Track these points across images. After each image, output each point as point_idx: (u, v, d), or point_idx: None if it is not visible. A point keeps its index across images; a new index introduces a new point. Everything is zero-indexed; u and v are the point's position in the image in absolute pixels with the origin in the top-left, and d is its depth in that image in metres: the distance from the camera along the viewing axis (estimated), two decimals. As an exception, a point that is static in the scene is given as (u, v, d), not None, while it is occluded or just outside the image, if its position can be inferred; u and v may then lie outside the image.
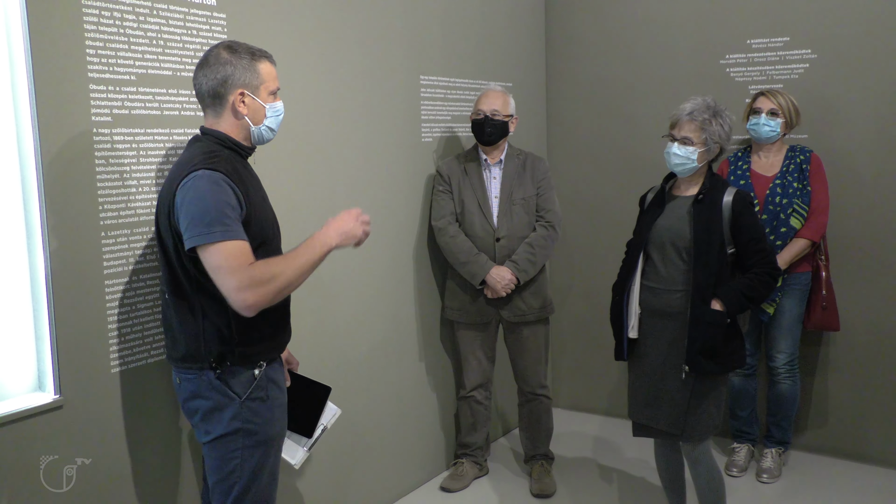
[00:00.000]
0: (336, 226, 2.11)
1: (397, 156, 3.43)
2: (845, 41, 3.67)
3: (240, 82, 2.04)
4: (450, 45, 3.71)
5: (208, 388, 2.05)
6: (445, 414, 3.81)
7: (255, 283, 1.90)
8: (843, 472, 3.72)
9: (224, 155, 2.02)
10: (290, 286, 1.98)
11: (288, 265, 1.98)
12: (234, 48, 2.06)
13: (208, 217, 1.89)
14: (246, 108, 2.06)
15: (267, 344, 2.13)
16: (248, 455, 2.07)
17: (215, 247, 1.89)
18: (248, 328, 2.06)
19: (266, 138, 2.16)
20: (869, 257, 3.69)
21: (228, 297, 1.92)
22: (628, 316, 2.83)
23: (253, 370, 2.08)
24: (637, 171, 4.11)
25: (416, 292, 3.59)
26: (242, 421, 2.06)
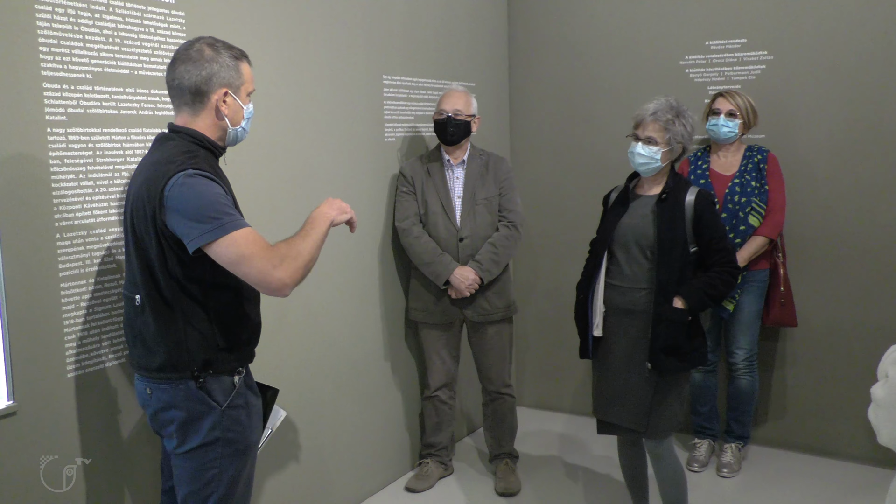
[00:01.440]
0: (327, 204, 2.12)
1: (360, 156, 3.41)
2: (800, 43, 3.74)
3: (224, 81, 1.99)
4: (413, 44, 3.70)
5: (186, 398, 1.98)
6: (410, 414, 3.81)
7: (286, 259, 1.89)
8: (800, 465, 3.80)
9: (202, 155, 1.97)
10: (312, 261, 1.98)
11: (305, 242, 1.97)
12: (215, 45, 2.00)
13: (212, 211, 1.84)
14: (227, 108, 2.01)
15: (246, 350, 2.10)
16: (227, 464, 2.02)
17: (230, 238, 1.84)
18: (232, 334, 2.02)
19: (240, 139, 2.12)
20: (825, 254, 3.78)
21: (262, 281, 1.87)
22: (593, 314, 2.85)
23: (233, 377, 2.04)
24: (599, 170, 4.15)
25: (380, 293, 3.57)
26: (222, 430, 2.00)
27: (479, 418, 4.12)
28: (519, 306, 3.81)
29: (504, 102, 4.51)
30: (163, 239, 1.91)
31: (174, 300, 1.95)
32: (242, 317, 2.05)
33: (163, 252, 1.92)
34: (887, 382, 1.39)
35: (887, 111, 3.58)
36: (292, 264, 1.89)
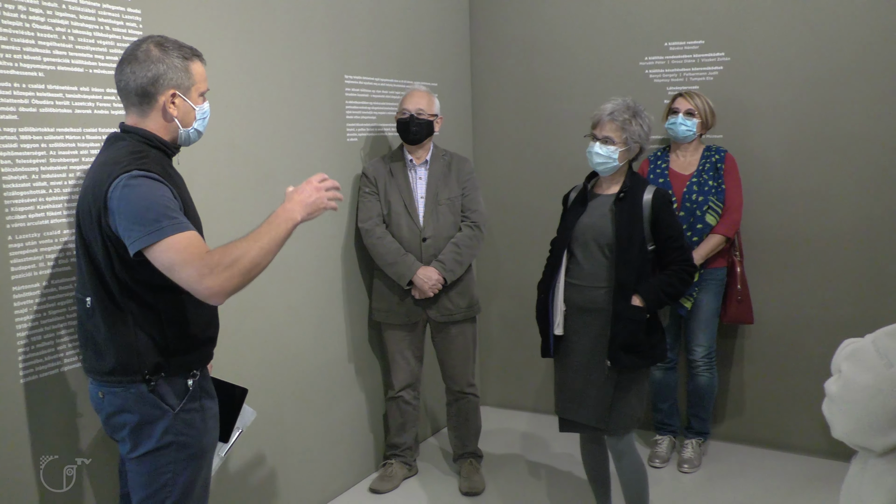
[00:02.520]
0: (299, 198, 2.00)
1: (322, 156, 3.39)
2: (756, 45, 3.81)
3: (172, 83, 1.94)
4: (374, 44, 3.69)
5: (138, 402, 1.94)
6: (374, 415, 3.79)
7: (216, 268, 1.79)
8: (759, 459, 3.86)
9: (152, 155, 1.92)
10: (257, 267, 1.87)
11: (250, 246, 1.87)
12: (164, 45, 1.95)
13: (152, 214, 1.78)
14: (176, 109, 1.96)
15: (201, 351, 2.06)
16: (181, 469, 1.99)
17: (165, 242, 1.78)
18: (184, 336, 1.98)
19: (193, 140, 2.07)
20: (780, 253, 3.85)
21: (191, 289, 1.80)
22: (554, 313, 2.87)
23: (186, 380, 2.00)
24: (561, 170, 4.17)
25: (343, 294, 3.55)
26: (175, 434, 1.97)
27: (443, 418, 4.11)
28: (482, 306, 3.81)
29: (466, 103, 4.52)
30: (108, 241, 1.87)
31: (123, 303, 1.92)
32: (196, 319, 2.01)
33: (109, 255, 1.88)
34: (840, 377, 1.42)
35: (840, 112, 3.66)
36: (224, 273, 1.79)
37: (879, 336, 1.37)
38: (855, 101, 3.63)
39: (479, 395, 3.81)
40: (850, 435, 1.39)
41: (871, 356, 1.36)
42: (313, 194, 2.03)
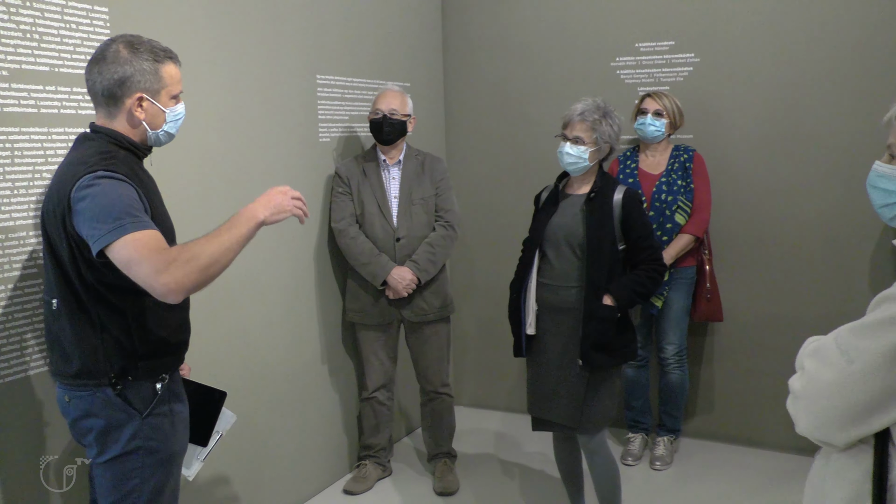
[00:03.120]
0: (264, 200, 1.96)
1: (294, 156, 3.37)
2: (725, 46, 3.85)
3: (139, 86, 1.90)
4: (347, 44, 3.68)
5: (104, 406, 1.92)
6: (348, 416, 3.78)
7: (173, 264, 1.72)
8: (728, 455, 3.91)
9: (120, 156, 1.89)
10: (216, 265, 1.80)
11: (209, 242, 1.81)
12: (135, 46, 1.91)
13: (114, 213, 1.74)
14: (144, 112, 1.93)
15: (171, 355, 2.03)
16: (149, 475, 1.96)
17: (123, 240, 1.73)
18: (153, 339, 1.95)
19: (163, 142, 2.04)
20: (749, 251, 3.90)
21: (148, 286, 1.74)
22: (526, 313, 2.88)
23: (155, 384, 1.97)
24: (534, 170, 4.19)
25: (316, 294, 3.54)
26: (143, 439, 1.94)
27: (418, 418, 4.11)
28: (456, 306, 3.82)
29: (439, 103, 4.52)
30: (73, 242, 1.84)
31: (90, 305, 1.89)
32: (165, 322, 1.98)
33: (74, 256, 1.85)
34: (804, 374, 1.44)
35: (806, 113, 3.72)
36: (181, 269, 1.73)
37: (841, 333, 1.40)
38: (820, 102, 3.69)
39: (454, 394, 3.81)
40: (813, 431, 1.41)
41: (833, 353, 1.38)
42: (277, 197, 1.99)
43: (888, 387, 1.30)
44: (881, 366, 1.30)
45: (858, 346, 1.34)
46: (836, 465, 1.43)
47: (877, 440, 1.35)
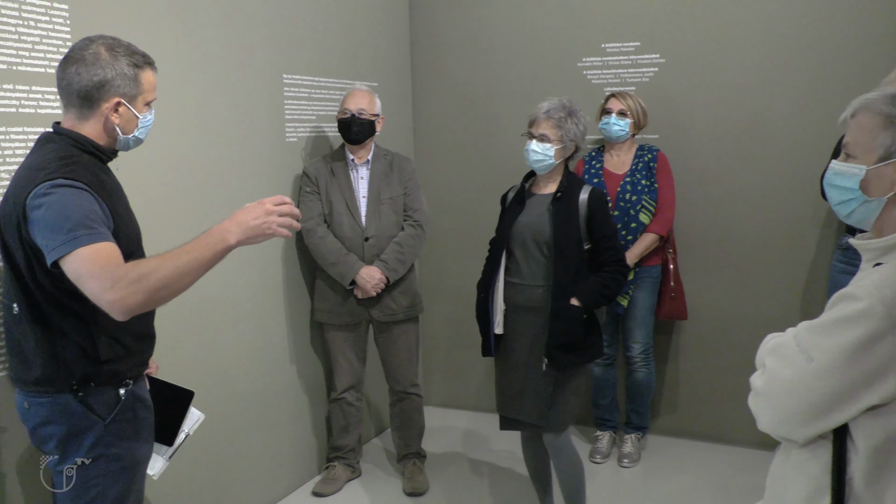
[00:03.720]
0: (241, 218, 1.83)
1: (262, 156, 3.35)
2: (690, 47, 3.90)
3: (118, 90, 1.86)
4: (313, 43, 3.65)
5: (65, 413, 1.87)
6: (316, 417, 3.76)
7: (120, 282, 1.66)
8: (694, 452, 3.96)
9: (83, 160, 1.84)
10: (168, 288, 1.72)
11: (164, 263, 1.72)
12: (114, 50, 1.87)
13: (69, 224, 1.69)
14: (119, 118, 1.89)
15: (134, 359, 1.99)
16: (112, 482, 1.92)
17: (75, 254, 1.68)
18: (115, 344, 1.91)
19: (132, 147, 2.00)
20: (713, 250, 3.95)
21: (96, 302, 1.70)
22: (494, 312, 2.89)
23: (118, 390, 1.94)
24: (502, 169, 4.20)
25: (284, 295, 3.51)
26: (105, 446, 1.90)
27: (387, 419, 4.10)
28: (425, 305, 3.81)
29: (407, 102, 4.51)
30: (28, 249, 1.79)
31: (49, 311, 1.84)
32: (128, 327, 1.93)
33: (31, 263, 1.81)
34: (765, 372, 1.47)
35: (768, 113, 3.78)
36: (127, 288, 1.66)
37: (800, 331, 1.42)
38: (781, 103, 3.75)
39: (423, 394, 3.81)
40: (774, 427, 1.44)
41: (792, 351, 1.41)
42: (261, 217, 1.84)
43: (847, 383, 1.33)
44: (840, 363, 1.33)
45: (818, 344, 1.36)
46: (795, 459, 1.46)
47: (835, 435, 1.38)
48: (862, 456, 1.35)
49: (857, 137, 1.47)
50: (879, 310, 1.30)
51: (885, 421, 1.33)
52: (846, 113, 1.50)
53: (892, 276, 1.34)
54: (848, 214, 1.50)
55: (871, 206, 1.46)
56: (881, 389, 1.31)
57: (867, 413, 1.34)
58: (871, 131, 1.43)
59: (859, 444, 1.35)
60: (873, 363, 1.31)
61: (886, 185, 1.43)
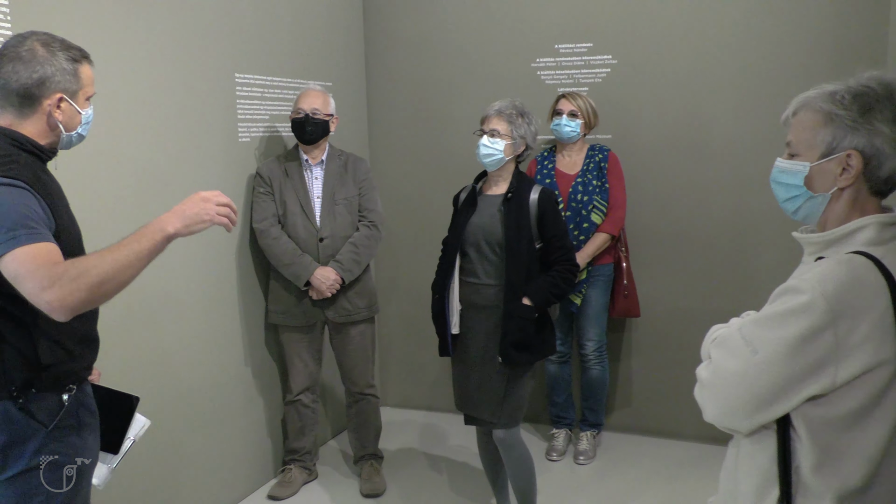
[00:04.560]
0: (179, 208, 1.81)
1: (213, 156, 3.30)
2: (641, 48, 3.96)
3: (59, 86, 1.82)
4: (265, 42, 3.62)
5: (5, 421, 1.81)
6: (272, 420, 3.72)
7: (59, 280, 1.62)
8: (649, 447, 4.03)
9: (22, 160, 1.79)
10: (109, 282, 1.68)
11: (102, 258, 1.68)
12: (50, 45, 1.82)
13: (8, 223, 1.65)
14: (62, 114, 1.84)
15: (77, 363, 1.93)
16: (56, 490, 1.87)
17: (13, 254, 1.63)
18: (56, 348, 1.85)
19: (74, 144, 1.96)
20: (663, 248, 4.02)
21: (35, 302, 1.65)
22: (450, 312, 2.91)
23: (61, 395, 1.88)
24: (457, 170, 4.21)
25: (238, 296, 3.47)
26: (48, 453, 1.84)
27: (343, 420, 4.08)
28: (381, 306, 3.81)
29: (361, 102, 4.50)
30: None
31: None
32: (71, 330, 1.88)
33: None
34: (711, 363, 1.50)
35: (716, 113, 3.86)
36: (67, 286, 1.62)
37: (745, 324, 1.45)
38: (727, 104, 3.83)
39: (380, 395, 3.80)
40: (719, 418, 1.47)
41: (737, 343, 1.44)
42: (198, 205, 1.84)
43: (789, 375, 1.36)
44: (783, 355, 1.36)
45: (762, 337, 1.39)
46: (745, 453, 1.49)
47: (778, 426, 1.41)
48: (805, 444, 1.38)
49: (799, 135, 1.51)
50: (821, 304, 1.34)
51: (823, 410, 1.37)
52: (788, 111, 1.54)
53: (834, 270, 1.37)
54: (795, 211, 1.54)
55: (817, 202, 1.50)
56: (821, 380, 1.35)
57: (807, 403, 1.37)
58: (813, 128, 1.47)
59: (801, 432, 1.39)
60: (814, 356, 1.34)
61: (829, 180, 1.47)
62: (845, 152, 1.43)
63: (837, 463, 1.37)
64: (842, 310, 1.33)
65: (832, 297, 1.34)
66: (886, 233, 1.44)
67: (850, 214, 1.47)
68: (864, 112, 1.41)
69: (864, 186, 1.46)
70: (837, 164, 1.45)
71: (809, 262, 1.51)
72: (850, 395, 1.36)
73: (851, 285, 1.35)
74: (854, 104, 1.42)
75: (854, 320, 1.34)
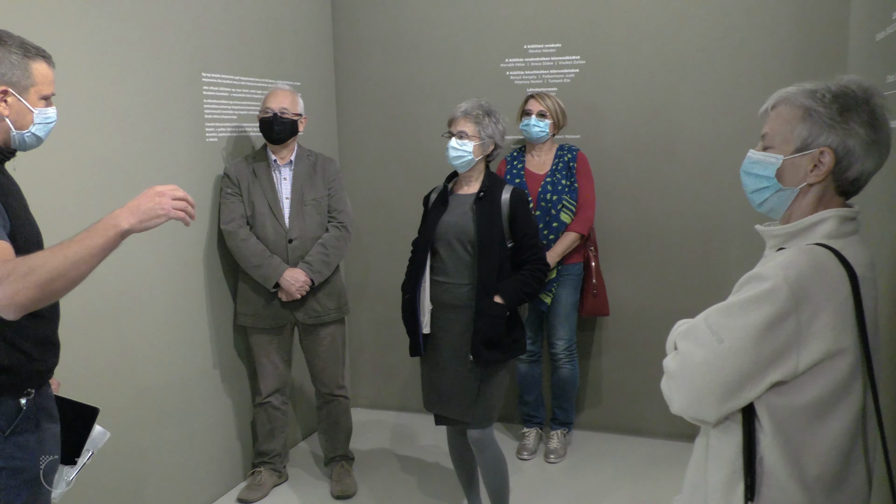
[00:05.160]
0: (133, 204, 1.78)
1: (180, 157, 3.26)
2: (609, 49, 3.99)
3: (3, 78, 1.78)
4: (233, 41, 3.58)
5: None
6: (241, 422, 3.69)
7: (8, 278, 1.58)
8: (618, 445, 4.06)
9: None
10: (60, 279, 1.65)
11: (53, 255, 1.65)
12: (4, 40, 1.79)
13: None
14: (8, 108, 1.80)
15: (36, 367, 1.89)
16: (14, 496, 1.82)
17: None
18: (13, 351, 1.81)
19: (29, 145, 1.91)
20: (633, 247, 4.06)
21: None
22: (421, 312, 2.91)
23: (19, 399, 1.84)
24: (427, 170, 4.21)
25: (206, 298, 3.43)
26: (6, 458, 1.80)
27: (314, 422, 4.06)
28: (351, 306, 3.79)
29: (331, 102, 4.47)
30: None
31: None
32: (29, 333, 1.84)
33: None
34: (677, 355, 1.52)
35: (683, 113, 3.90)
36: (16, 284, 1.59)
37: (710, 314, 1.48)
38: (694, 105, 3.88)
39: (350, 396, 3.78)
40: (687, 408, 1.49)
41: (703, 333, 1.46)
42: (153, 200, 1.81)
43: (756, 362, 1.39)
44: (749, 342, 1.38)
45: (727, 325, 1.42)
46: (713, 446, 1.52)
47: (744, 417, 1.44)
48: (769, 433, 1.41)
49: (775, 128, 1.53)
50: (784, 290, 1.36)
51: (787, 399, 1.40)
52: (767, 104, 1.56)
53: (796, 257, 1.40)
54: (762, 202, 1.56)
55: (785, 195, 1.52)
56: (785, 367, 1.38)
57: (770, 391, 1.40)
58: (790, 122, 1.49)
59: (765, 422, 1.41)
60: (779, 342, 1.37)
61: (800, 175, 1.49)
62: (819, 149, 1.46)
63: (800, 453, 1.41)
64: (804, 296, 1.36)
65: (794, 284, 1.36)
66: (846, 227, 1.47)
67: (814, 211, 1.50)
68: (843, 112, 1.44)
69: (831, 185, 1.49)
70: (810, 160, 1.48)
71: (771, 254, 1.54)
72: (813, 384, 1.39)
73: (813, 273, 1.38)
74: (834, 103, 1.45)
75: (816, 307, 1.36)
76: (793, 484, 1.40)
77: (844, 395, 1.40)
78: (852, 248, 1.44)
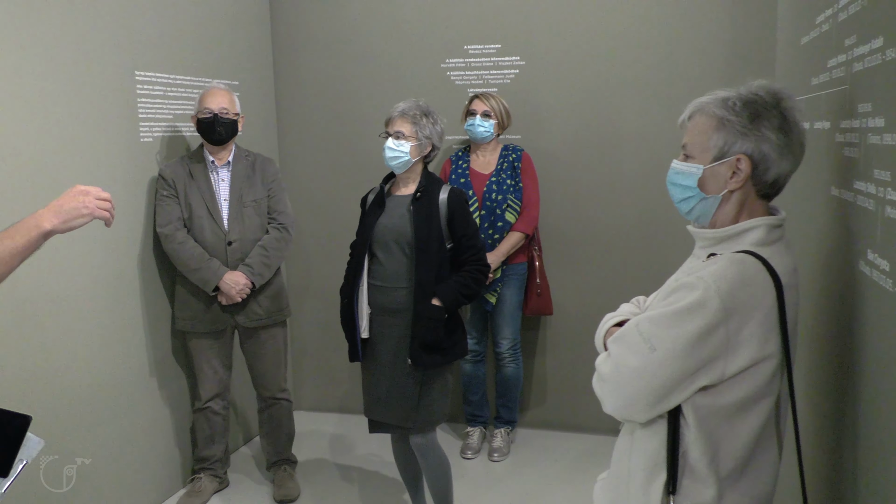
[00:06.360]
0: (54, 204, 1.74)
1: (113, 157, 3.17)
2: (547, 50, 4.03)
3: None
4: (168, 38, 3.50)
5: None
6: (180, 428, 3.61)
7: None
8: (560, 442, 4.11)
9: None
10: None
11: None
12: None
13: None
14: None
15: None
16: None
17: None
18: None
19: None
20: (575, 247, 4.10)
21: None
22: (360, 316, 2.88)
23: None
24: (368, 170, 4.19)
25: (142, 303, 3.35)
26: None
27: (255, 426, 4.00)
28: (293, 308, 3.75)
29: (270, 102, 4.41)
30: None
31: None
32: None
33: None
34: (610, 359, 1.55)
35: (621, 114, 3.96)
36: None
37: (642, 321, 1.51)
38: (632, 105, 3.94)
39: (293, 399, 3.74)
40: (619, 410, 1.54)
41: (635, 340, 1.49)
42: (76, 199, 1.77)
43: (685, 370, 1.43)
44: (680, 352, 1.42)
45: (659, 335, 1.45)
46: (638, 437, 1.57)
47: (670, 414, 1.49)
48: (693, 430, 1.46)
49: (694, 138, 1.57)
50: (715, 302, 1.40)
51: (711, 400, 1.46)
52: (684, 115, 1.60)
53: (727, 269, 1.44)
54: (689, 211, 1.60)
55: (709, 203, 1.56)
56: (712, 374, 1.43)
57: (698, 393, 1.46)
58: (706, 132, 1.53)
59: (690, 420, 1.47)
60: (707, 351, 1.41)
61: (721, 182, 1.53)
62: (735, 157, 1.50)
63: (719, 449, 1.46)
64: (734, 307, 1.40)
65: (726, 296, 1.40)
66: (773, 234, 1.52)
67: (738, 215, 1.55)
68: (753, 119, 1.48)
69: (752, 190, 1.53)
70: (728, 168, 1.52)
71: (701, 255, 1.58)
72: (737, 387, 1.44)
73: (743, 284, 1.42)
74: (744, 111, 1.49)
75: (744, 317, 1.41)
76: (711, 476, 1.46)
77: (765, 394, 1.46)
78: (779, 256, 1.49)
